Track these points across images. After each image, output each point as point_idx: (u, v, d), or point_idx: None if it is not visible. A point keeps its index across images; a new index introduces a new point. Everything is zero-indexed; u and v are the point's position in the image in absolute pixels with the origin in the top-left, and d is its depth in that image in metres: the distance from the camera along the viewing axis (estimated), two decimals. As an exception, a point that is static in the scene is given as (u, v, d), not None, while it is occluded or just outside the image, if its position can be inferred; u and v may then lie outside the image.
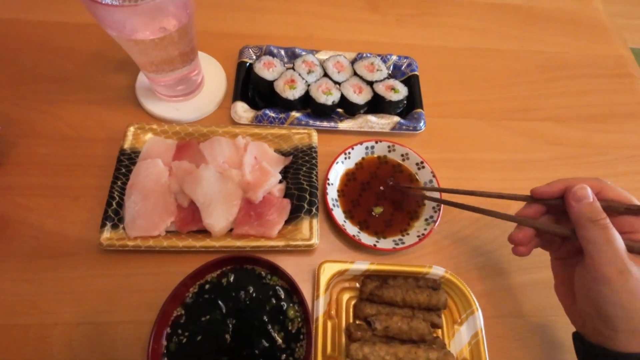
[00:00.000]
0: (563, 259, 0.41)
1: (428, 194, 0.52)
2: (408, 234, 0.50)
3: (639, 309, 0.32)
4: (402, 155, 0.56)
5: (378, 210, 0.51)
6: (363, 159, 0.56)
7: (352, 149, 0.55)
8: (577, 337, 0.39)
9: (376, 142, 0.56)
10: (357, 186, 0.54)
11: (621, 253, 0.32)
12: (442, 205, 0.51)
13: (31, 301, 0.44)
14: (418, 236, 0.49)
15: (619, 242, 0.33)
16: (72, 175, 0.51)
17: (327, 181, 0.52)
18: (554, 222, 0.40)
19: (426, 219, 0.51)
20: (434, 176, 0.53)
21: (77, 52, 0.61)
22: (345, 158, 0.54)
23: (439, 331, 0.45)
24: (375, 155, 0.56)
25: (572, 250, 0.40)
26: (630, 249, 0.33)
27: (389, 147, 0.56)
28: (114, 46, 0.49)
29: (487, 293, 0.49)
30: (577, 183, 0.36)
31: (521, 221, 0.40)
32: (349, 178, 0.54)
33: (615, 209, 0.35)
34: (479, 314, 0.44)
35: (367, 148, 0.56)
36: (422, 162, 0.54)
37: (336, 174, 0.54)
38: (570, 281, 0.39)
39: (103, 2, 0.43)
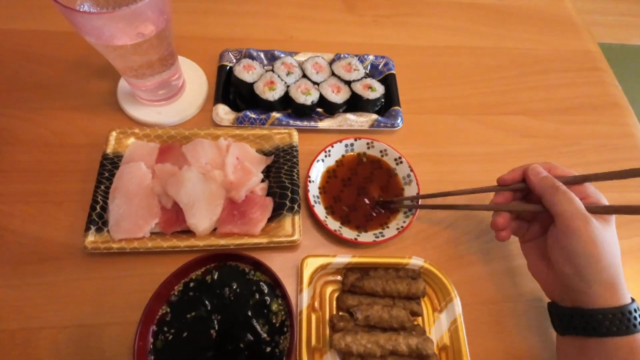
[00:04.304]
0: (531, 240, 0.46)
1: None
2: (388, 227, 0.52)
3: (604, 259, 0.37)
4: (381, 151, 0.57)
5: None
6: (343, 156, 0.57)
7: (332, 147, 0.56)
8: (553, 305, 0.43)
9: (355, 140, 0.57)
10: (337, 183, 0.55)
11: (582, 208, 0.38)
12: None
13: (16, 306, 0.44)
14: (397, 229, 0.51)
15: (578, 201, 0.39)
16: (55, 181, 0.51)
17: (309, 179, 0.53)
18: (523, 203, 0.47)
19: (405, 212, 0.53)
20: (411, 170, 0.55)
21: (57, 60, 0.62)
22: (326, 156, 0.56)
23: (420, 319, 0.47)
24: (355, 153, 0.58)
25: (538, 231, 0.46)
26: (587, 210, 0.39)
27: (367, 144, 0.57)
28: (94, 53, 0.49)
29: (466, 281, 0.51)
30: (532, 165, 0.44)
31: (498, 208, 0.46)
32: (330, 175, 0.56)
33: (565, 182, 0.42)
34: (457, 301, 0.46)
35: (346, 146, 0.57)
36: (400, 158, 0.56)
37: (317, 172, 0.55)
38: (541, 257, 0.45)
39: (80, 10, 0.43)
